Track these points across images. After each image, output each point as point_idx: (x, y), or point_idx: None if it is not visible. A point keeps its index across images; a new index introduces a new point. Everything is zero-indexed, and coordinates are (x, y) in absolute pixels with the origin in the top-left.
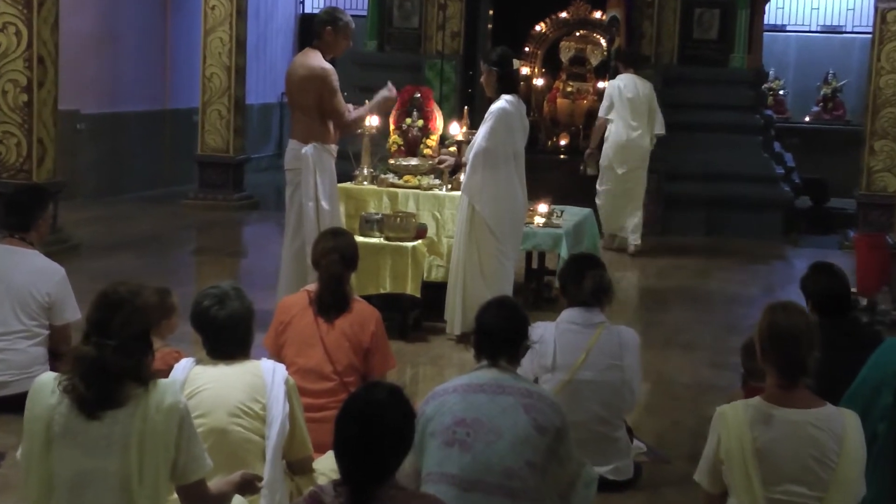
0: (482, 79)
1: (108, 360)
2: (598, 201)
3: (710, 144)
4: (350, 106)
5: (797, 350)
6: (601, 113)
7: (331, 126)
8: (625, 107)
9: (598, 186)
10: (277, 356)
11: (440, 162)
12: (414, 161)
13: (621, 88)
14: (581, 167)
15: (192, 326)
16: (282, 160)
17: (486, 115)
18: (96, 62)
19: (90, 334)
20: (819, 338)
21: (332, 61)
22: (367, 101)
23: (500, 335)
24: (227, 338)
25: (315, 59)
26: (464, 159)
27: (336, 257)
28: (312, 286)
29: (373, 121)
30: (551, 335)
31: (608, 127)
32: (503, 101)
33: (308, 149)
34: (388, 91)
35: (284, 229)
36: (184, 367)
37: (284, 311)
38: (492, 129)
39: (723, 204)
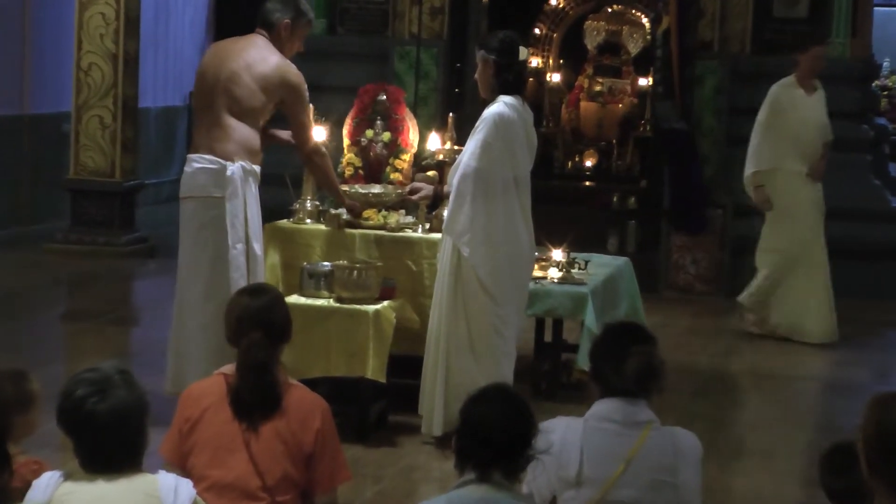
0: (476, 74)
1: None
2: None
3: None
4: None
5: None
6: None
7: (259, 139)
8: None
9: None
10: (182, 467)
11: (412, 191)
12: (376, 189)
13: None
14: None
15: (60, 426)
16: None
17: (476, 124)
18: None
19: None
20: None
21: None
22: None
23: (495, 438)
24: (110, 442)
25: (282, 58)
26: (446, 187)
27: (257, 337)
28: (230, 368)
29: (320, 133)
30: (576, 436)
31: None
32: (501, 105)
33: (236, 169)
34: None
35: (179, 287)
36: (47, 485)
37: (192, 404)
38: (484, 143)
39: None
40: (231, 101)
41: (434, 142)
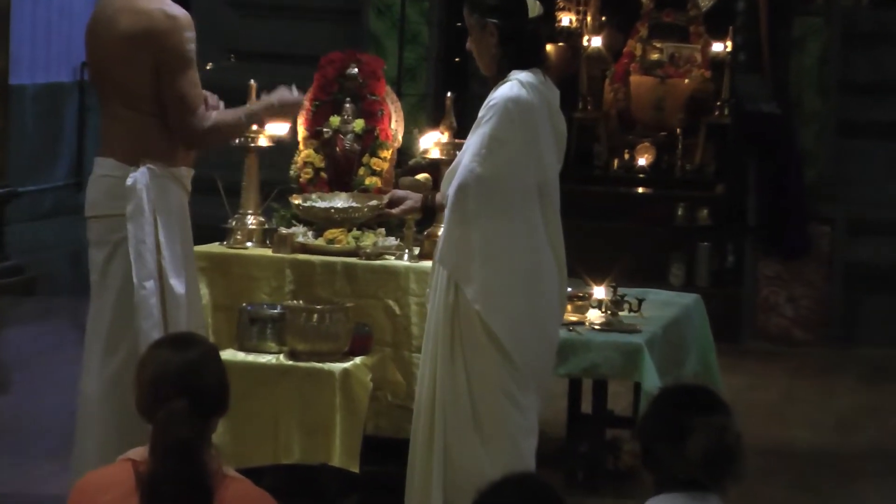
0: (469, 42)
1: None
2: None
3: None
4: (210, 97)
5: None
6: None
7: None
8: None
9: None
10: None
11: (392, 202)
12: (341, 202)
13: None
14: None
15: None
16: (82, 196)
17: (480, 113)
18: None
19: None
20: None
21: (185, 5)
22: (249, 100)
23: None
24: None
25: (160, 2)
26: (439, 195)
27: (180, 407)
28: (141, 452)
29: (280, 129)
30: None
31: None
32: (515, 85)
33: (139, 175)
34: (290, 93)
35: (86, 338)
36: None
37: (87, 501)
38: (492, 140)
39: None
40: (115, 86)
41: (430, 136)
